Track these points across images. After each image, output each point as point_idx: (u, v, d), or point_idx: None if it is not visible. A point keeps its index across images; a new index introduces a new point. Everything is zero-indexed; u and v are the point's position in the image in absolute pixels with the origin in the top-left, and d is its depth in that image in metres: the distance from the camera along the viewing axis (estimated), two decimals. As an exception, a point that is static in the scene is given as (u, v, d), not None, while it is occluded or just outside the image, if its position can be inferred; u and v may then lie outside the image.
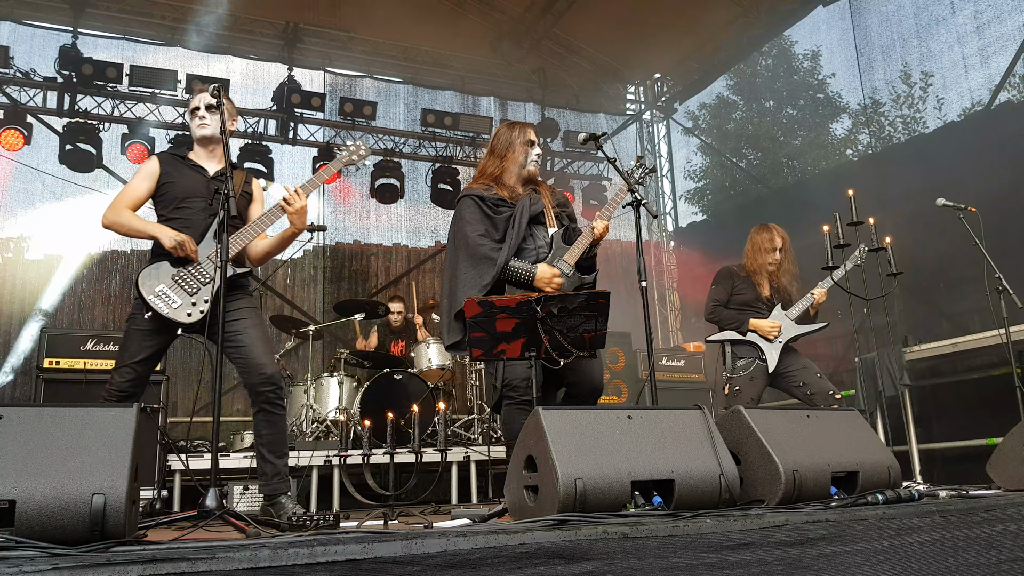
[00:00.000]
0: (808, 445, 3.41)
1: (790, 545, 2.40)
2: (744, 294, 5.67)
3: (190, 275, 3.99)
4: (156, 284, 3.95)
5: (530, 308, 3.97)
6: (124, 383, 3.95)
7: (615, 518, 2.52)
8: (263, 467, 4.08)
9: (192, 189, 4.19)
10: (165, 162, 4.26)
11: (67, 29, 9.38)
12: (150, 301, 3.90)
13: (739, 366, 5.55)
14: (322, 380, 7.62)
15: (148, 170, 4.23)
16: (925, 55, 9.41)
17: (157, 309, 3.90)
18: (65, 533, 2.20)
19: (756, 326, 5.53)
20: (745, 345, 5.57)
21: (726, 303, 5.69)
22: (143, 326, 3.97)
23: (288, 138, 10.43)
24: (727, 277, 5.77)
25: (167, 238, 3.97)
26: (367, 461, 3.91)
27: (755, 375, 5.49)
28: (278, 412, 4.09)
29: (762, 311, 5.62)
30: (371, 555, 1.87)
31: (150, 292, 3.92)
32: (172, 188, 4.19)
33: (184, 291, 3.97)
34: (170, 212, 4.17)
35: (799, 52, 19.71)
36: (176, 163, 4.27)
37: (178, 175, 4.22)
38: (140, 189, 4.19)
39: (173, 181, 4.20)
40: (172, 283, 3.97)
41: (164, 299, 3.93)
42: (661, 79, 12.64)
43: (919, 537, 2.64)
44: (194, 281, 3.99)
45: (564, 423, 2.95)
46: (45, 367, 6.51)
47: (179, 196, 4.18)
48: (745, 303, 5.65)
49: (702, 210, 19.40)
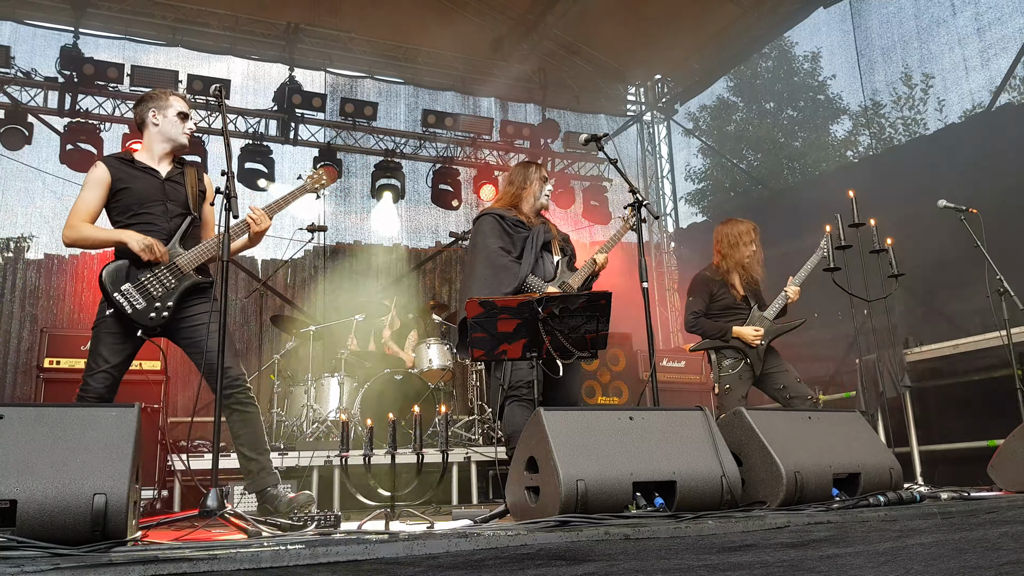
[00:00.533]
0: (810, 447, 3.41)
1: (792, 547, 2.40)
2: (723, 299, 5.67)
3: (156, 278, 3.98)
4: (122, 283, 3.94)
5: (532, 309, 3.97)
6: (101, 388, 3.90)
7: (617, 519, 2.51)
8: (247, 465, 4.08)
9: (148, 193, 4.11)
10: (113, 167, 4.15)
11: (68, 29, 9.38)
12: (115, 299, 3.90)
13: (726, 365, 5.57)
14: (322, 380, 7.62)
15: (96, 178, 4.11)
16: (926, 57, 9.41)
17: (122, 308, 3.90)
18: (66, 533, 2.20)
19: (739, 334, 5.53)
20: (730, 350, 5.58)
21: (706, 312, 5.68)
22: (112, 328, 3.96)
23: (289, 138, 10.43)
24: (703, 284, 5.74)
25: (135, 242, 3.93)
26: (368, 461, 3.90)
27: (743, 373, 5.52)
28: (250, 410, 4.09)
29: (742, 312, 5.63)
30: (373, 556, 1.87)
31: (115, 290, 3.92)
32: (127, 195, 4.10)
33: (150, 293, 3.96)
34: (128, 219, 4.10)
35: (799, 54, 19.74)
36: (125, 167, 4.17)
37: (131, 180, 4.12)
38: (92, 200, 4.10)
39: (127, 187, 4.10)
40: (138, 283, 3.95)
41: (129, 298, 3.93)
42: (662, 80, 12.64)
43: (921, 539, 2.64)
44: (160, 285, 3.98)
45: (566, 424, 2.94)
46: (45, 367, 6.51)
47: (135, 202, 4.10)
48: (726, 307, 5.66)
49: (702, 211, 19.41)
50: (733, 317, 5.62)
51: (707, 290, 5.70)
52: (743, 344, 5.52)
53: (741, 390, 5.51)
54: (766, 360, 5.53)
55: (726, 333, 5.56)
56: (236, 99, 10.16)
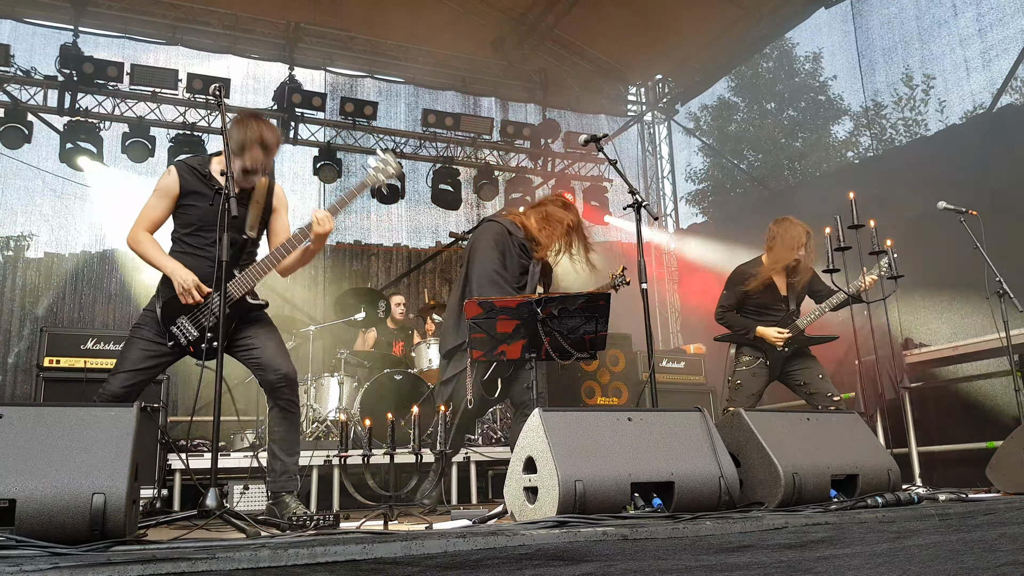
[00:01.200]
0: (808, 448, 3.42)
1: (789, 547, 2.41)
2: (762, 296, 5.61)
3: (208, 309, 4.02)
4: (177, 315, 3.99)
5: (531, 309, 3.98)
6: (119, 390, 3.91)
7: (615, 520, 2.52)
8: (273, 464, 4.10)
9: (208, 217, 4.02)
10: (185, 177, 4.06)
11: (68, 27, 9.37)
12: (172, 331, 3.98)
13: (743, 361, 5.56)
14: (322, 380, 7.62)
15: (166, 187, 4.06)
16: (927, 58, 9.40)
17: (179, 340, 3.99)
18: (65, 532, 2.20)
19: (763, 334, 5.50)
20: (752, 347, 5.57)
21: (737, 307, 5.66)
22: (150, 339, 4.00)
23: (289, 138, 10.42)
24: (739, 282, 5.68)
25: (177, 281, 3.94)
26: (367, 461, 3.91)
27: (757, 371, 5.51)
28: (293, 411, 4.14)
29: (779, 312, 5.59)
30: (371, 556, 1.87)
31: (171, 323, 3.99)
32: (190, 212, 4.06)
33: (202, 324, 4.01)
34: (186, 234, 4.09)
35: (800, 54, 19.73)
36: (195, 181, 4.07)
37: (196, 197, 4.05)
38: (158, 209, 4.07)
39: (193, 205, 4.05)
40: (192, 316, 4.01)
41: (183, 331, 4.00)
42: (662, 80, 12.64)
43: (918, 540, 2.64)
44: (212, 315, 4.01)
45: (564, 425, 2.95)
46: (45, 366, 6.51)
47: (197, 221, 4.06)
48: (763, 306, 5.62)
49: (703, 212, 19.41)
50: (768, 316, 5.58)
51: (742, 288, 5.64)
52: (766, 344, 5.50)
53: (753, 387, 5.50)
54: (790, 360, 5.52)
55: (750, 331, 5.54)
56: (236, 98, 10.15)
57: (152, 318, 4.03)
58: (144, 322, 4.06)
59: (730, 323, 5.65)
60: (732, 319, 5.63)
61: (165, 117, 9.71)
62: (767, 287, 5.61)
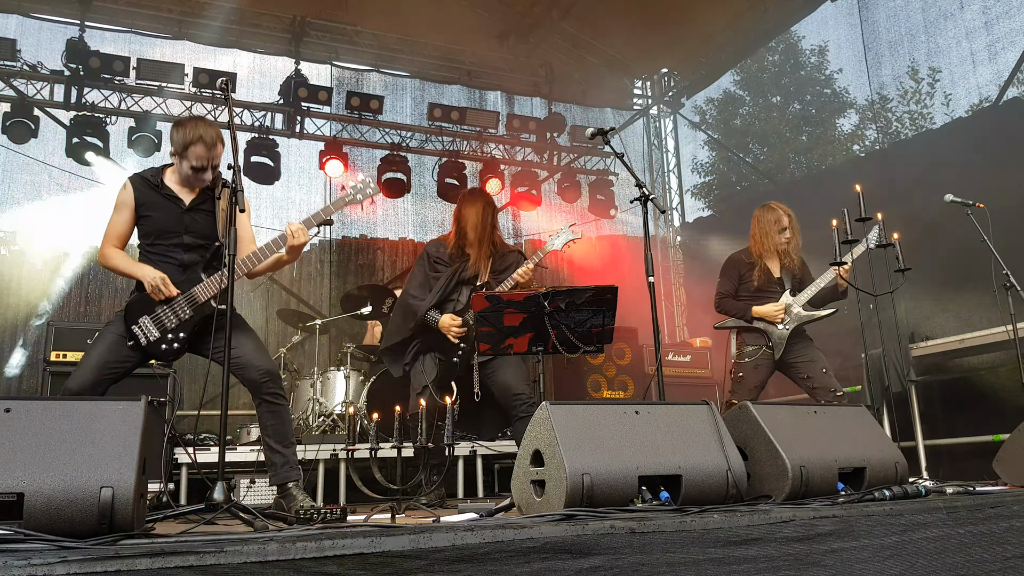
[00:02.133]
0: (815, 441, 3.41)
1: (797, 541, 2.41)
2: (753, 282, 5.63)
3: (171, 310, 4.10)
4: (140, 314, 4.07)
5: (537, 303, 3.98)
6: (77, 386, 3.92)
7: (622, 513, 2.52)
8: (272, 458, 4.12)
9: (165, 224, 4.17)
10: (139, 190, 4.20)
11: (74, 22, 9.37)
12: (133, 330, 4.04)
13: (746, 353, 5.57)
14: (328, 374, 7.62)
15: (124, 200, 4.20)
16: (933, 51, 9.38)
17: (138, 339, 4.04)
18: (73, 526, 2.21)
19: (761, 312, 5.52)
20: (753, 332, 5.58)
21: (734, 293, 5.69)
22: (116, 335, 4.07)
23: (295, 132, 10.43)
24: (732, 267, 5.75)
25: (146, 281, 4.04)
26: (374, 455, 3.92)
27: (760, 363, 5.51)
28: (280, 403, 4.16)
29: (775, 296, 5.59)
30: (379, 549, 1.87)
31: (133, 321, 4.05)
32: (148, 222, 4.19)
33: (164, 325, 4.08)
34: (147, 244, 4.22)
35: (806, 47, 19.67)
36: (150, 193, 4.21)
37: (153, 207, 4.19)
38: (121, 223, 4.20)
39: (149, 215, 4.18)
40: (156, 316, 4.08)
41: (145, 331, 4.06)
42: (668, 74, 12.61)
43: (926, 533, 2.64)
44: (173, 317, 4.10)
45: (571, 418, 2.95)
46: (52, 360, 6.53)
47: (154, 231, 4.19)
48: (759, 290, 5.62)
49: (708, 205, 19.38)
50: (763, 300, 5.59)
51: (736, 272, 5.70)
52: (766, 326, 5.51)
53: (756, 379, 5.50)
54: (793, 348, 5.50)
55: (747, 313, 5.56)
56: (242, 92, 10.16)
57: (120, 317, 4.12)
58: (114, 320, 4.18)
59: (728, 309, 5.68)
60: (730, 304, 5.67)
61: (171, 112, 9.71)
62: (761, 272, 5.64)
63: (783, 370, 5.58)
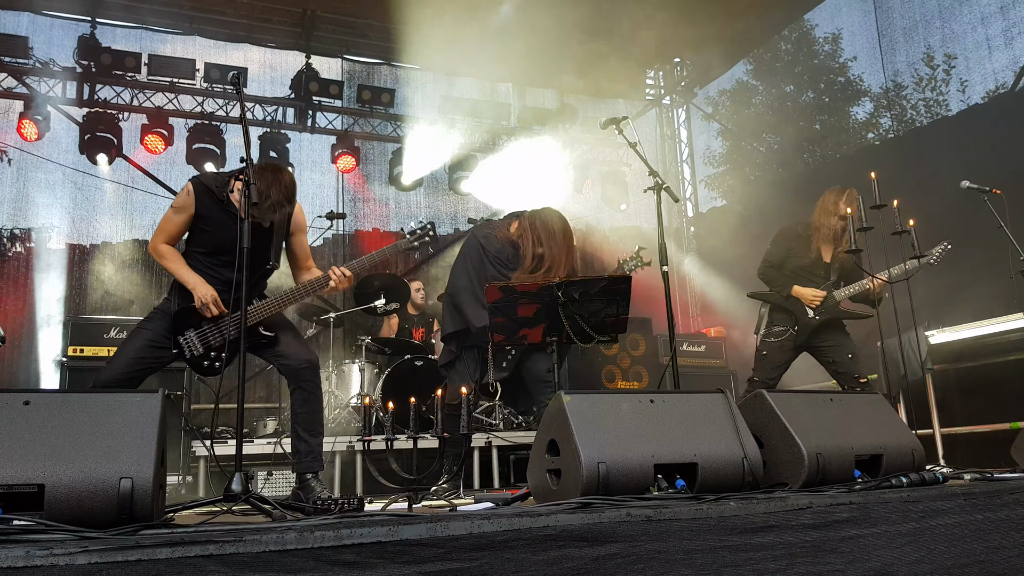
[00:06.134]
0: (832, 428, 3.40)
1: (814, 528, 2.40)
2: (802, 258, 5.58)
3: (216, 330, 4.12)
4: (187, 327, 4.10)
5: (552, 293, 3.97)
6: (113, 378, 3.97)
7: (638, 501, 2.51)
8: (297, 445, 4.16)
9: (222, 242, 4.07)
10: (201, 199, 4.09)
11: (85, 19, 9.40)
12: (180, 341, 4.08)
13: (774, 332, 5.54)
14: (343, 367, 7.65)
15: (183, 204, 4.12)
16: (948, 36, 9.29)
17: (182, 351, 4.09)
18: (94, 516, 2.22)
19: (799, 293, 5.48)
20: (783, 313, 5.55)
21: (779, 265, 5.63)
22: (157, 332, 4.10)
23: (306, 126, 10.45)
24: (785, 239, 5.68)
25: (198, 296, 4.03)
26: (390, 446, 3.93)
27: (785, 344, 5.50)
28: (316, 393, 4.22)
29: (818, 279, 5.54)
30: (396, 538, 1.88)
31: (180, 333, 4.09)
32: (204, 235, 4.13)
33: (208, 343, 4.12)
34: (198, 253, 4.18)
35: (819, 35, 19.52)
36: (211, 207, 4.10)
37: (212, 221, 4.10)
38: (176, 224, 4.15)
39: (207, 229, 4.11)
40: (202, 332, 4.11)
41: (190, 345, 4.10)
42: (681, 64, 12.55)
43: (944, 520, 2.62)
44: (218, 336, 4.13)
45: (586, 407, 2.95)
46: (69, 355, 6.57)
47: (208, 245, 4.14)
48: (802, 268, 5.57)
49: (722, 195, 19.29)
50: (806, 281, 5.53)
51: (786, 244, 5.65)
52: (797, 308, 5.48)
53: (778, 359, 5.49)
54: (822, 333, 5.47)
55: (786, 288, 5.52)
56: (253, 87, 10.18)
57: (163, 317, 4.12)
58: (154, 317, 4.18)
59: (770, 279, 5.64)
60: (773, 275, 5.61)
61: (183, 107, 9.75)
62: (811, 250, 5.57)
63: (810, 351, 5.57)
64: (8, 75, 9.06)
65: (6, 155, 9.14)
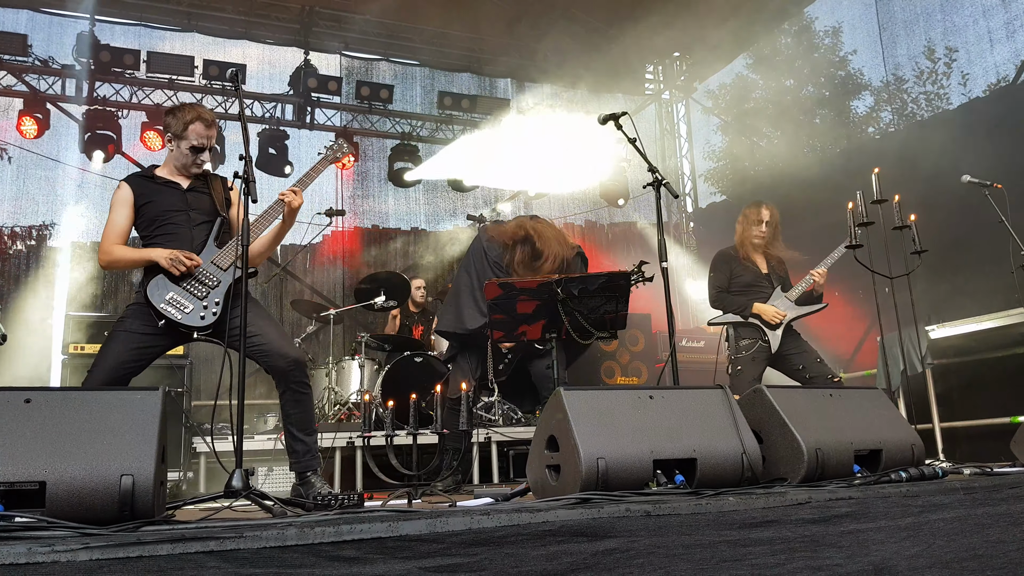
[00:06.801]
0: (831, 423, 3.40)
1: (813, 522, 2.40)
2: (744, 276, 5.72)
3: (197, 281, 4.03)
4: (166, 292, 3.98)
5: (551, 290, 3.98)
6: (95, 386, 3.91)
7: (637, 496, 2.52)
8: (293, 446, 4.14)
9: (169, 204, 4.17)
10: (136, 185, 4.21)
11: (84, 16, 9.40)
12: (162, 310, 3.93)
13: (743, 346, 5.59)
14: (343, 363, 7.67)
15: (122, 198, 4.17)
16: (949, 29, 9.28)
17: (171, 317, 3.94)
18: (95, 513, 2.23)
19: (760, 310, 5.57)
20: (748, 327, 5.61)
21: (728, 288, 5.72)
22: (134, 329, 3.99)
23: (305, 123, 10.45)
24: (724, 262, 5.83)
25: (163, 258, 3.97)
26: (390, 442, 3.94)
27: (757, 355, 5.55)
28: (305, 391, 4.17)
29: (765, 290, 5.67)
30: (396, 533, 1.88)
31: (160, 300, 3.96)
32: (150, 208, 4.17)
33: (195, 296, 4.01)
34: (152, 231, 4.17)
35: (820, 29, 19.50)
36: (147, 184, 4.23)
37: (152, 195, 4.19)
38: (121, 220, 4.15)
39: (150, 201, 4.17)
40: (182, 290, 4.01)
41: (176, 306, 3.97)
42: (680, 58, 12.54)
43: (943, 514, 2.63)
44: (202, 286, 4.04)
45: (585, 403, 2.95)
46: (70, 352, 6.58)
47: (158, 214, 4.16)
48: (748, 284, 5.70)
49: (722, 190, 19.28)
50: (755, 294, 5.64)
51: (727, 267, 5.77)
52: (762, 322, 5.53)
53: (753, 372, 5.53)
54: (785, 342, 5.54)
55: (746, 309, 5.59)
56: (252, 84, 10.18)
57: (137, 308, 4.04)
58: (128, 314, 4.07)
59: (727, 304, 5.73)
60: (727, 300, 5.73)
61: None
62: (749, 267, 5.72)
63: (777, 365, 5.62)
64: (7, 73, 9.06)
65: (6, 153, 9.14)
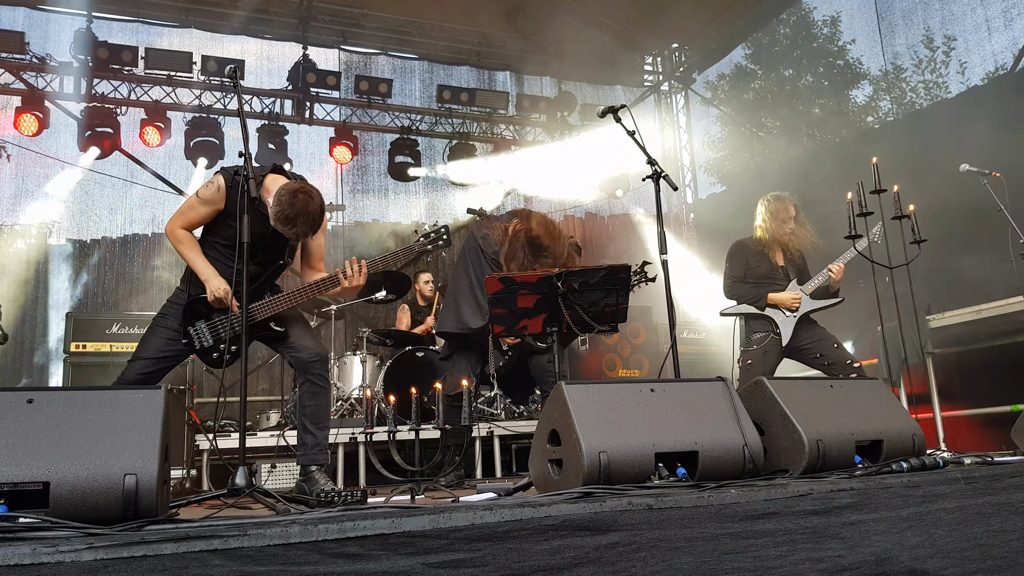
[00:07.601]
0: (832, 414, 3.40)
1: (815, 514, 2.41)
2: (759, 267, 5.66)
3: (227, 321, 4.06)
4: (197, 319, 4.08)
5: (551, 284, 3.98)
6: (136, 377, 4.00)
7: (639, 490, 2.52)
8: (303, 438, 4.16)
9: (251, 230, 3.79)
10: (232, 196, 3.95)
11: (81, 13, 9.36)
12: (189, 332, 4.07)
13: (754, 340, 5.56)
14: (345, 359, 7.67)
15: (212, 198, 4.01)
16: (947, 18, 9.26)
17: (192, 343, 4.08)
18: (99, 513, 2.23)
19: (776, 300, 5.52)
20: (760, 319, 5.57)
21: (744, 278, 5.68)
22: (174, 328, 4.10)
23: (304, 118, 10.43)
24: (740, 252, 5.76)
25: (211, 290, 3.99)
26: (393, 438, 3.95)
27: (768, 349, 5.50)
28: (323, 385, 4.21)
29: (779, 282, 5.61)
30: (399, 529, 1.89)
31: (190, 324, 4.07)
32: (228, 230, 4.01)
33: (219, 335, 4.10)
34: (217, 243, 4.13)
35: (818, 19, 19.48)
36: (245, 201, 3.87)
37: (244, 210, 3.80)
38: (200, 214, 4.07)
39: (233, 226, 3.87)
40: (211, 324, 4.10)
41: (200, 336, 4.09)
42: (679, 49, 12.51)
43: (944, 504, 2.64)
44: (229, 329, 4.06)
45: (587, 397, 2.95)
46: (72, 351, 6.59)
47: (231, 240, 3.97)
48: (763, 276, 5.64)
49: (721, 181, 19.27)
50: (770, 286, 5.59)
51: (744, 257, 5.71)
52: (774, 313, 5.50)
53: (765, 365, 5.48)
54: (800, 332, 5.49)
55: (761, 299, 5.55)
56: (251, 79, 10.15)
57: (177, 310, 4.12)
58: (169, 312, 4.17)
59: (740, 294, 5.67)
60: (742, 289, 5.66)
61: (181, 100, 9.74)
62: (766, 259, 5.66)
63: (794, 356, 5.58)
64: (5, 71, 9.05)
65: (5, 151, 9.13)
